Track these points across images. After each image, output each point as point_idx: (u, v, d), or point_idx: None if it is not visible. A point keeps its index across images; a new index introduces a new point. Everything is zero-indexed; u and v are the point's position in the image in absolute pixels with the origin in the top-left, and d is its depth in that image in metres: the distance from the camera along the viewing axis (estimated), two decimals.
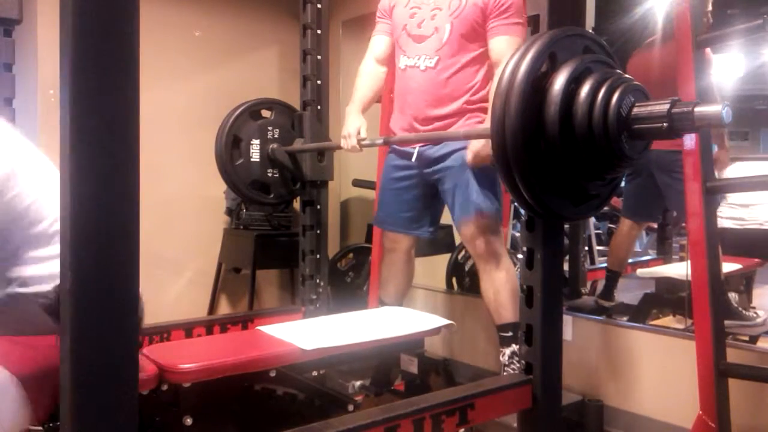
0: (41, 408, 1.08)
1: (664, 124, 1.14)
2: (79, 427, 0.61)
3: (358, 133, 2.15)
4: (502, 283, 2.09)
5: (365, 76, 2.31)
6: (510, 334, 2.06)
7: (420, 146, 2.16)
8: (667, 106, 1.14)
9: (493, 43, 2.04)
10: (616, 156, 1.20)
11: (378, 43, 2.31)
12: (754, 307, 3.03)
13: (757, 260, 3.22)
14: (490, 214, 2.07)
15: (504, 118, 1.18)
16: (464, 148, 2.07)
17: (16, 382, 1.02)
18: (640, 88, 1.21)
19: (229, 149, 2.52)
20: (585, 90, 1.17)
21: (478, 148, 2.00)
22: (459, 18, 2.06)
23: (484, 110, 2.08)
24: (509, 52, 1.95)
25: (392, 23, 2.26)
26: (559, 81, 1.18)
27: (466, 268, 3.01)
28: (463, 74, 2.09)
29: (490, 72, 2.11)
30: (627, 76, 1.23)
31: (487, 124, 1.82)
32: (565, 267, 3.42)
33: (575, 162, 1.20)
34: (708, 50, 2.33)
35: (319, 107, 2.56)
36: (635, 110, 1.18)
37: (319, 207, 2.56)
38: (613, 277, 3.20)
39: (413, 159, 2.18)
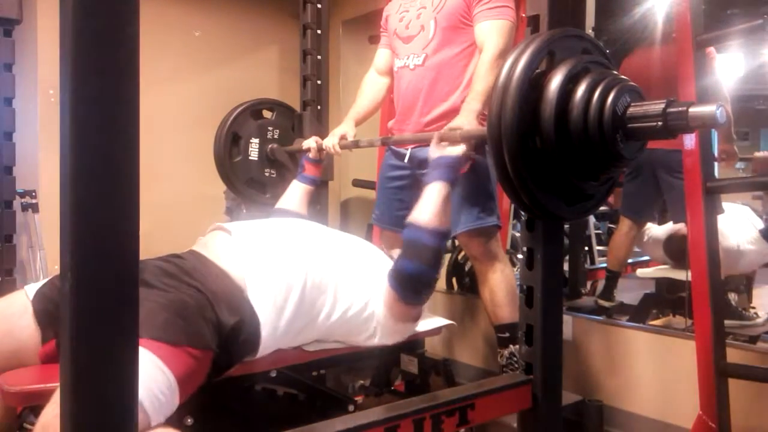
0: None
1: (659, 123, 1.14)
2: (79, 427, 0.61)
3: (344, 138, 2.22)
4: (498, 284, 2.08)
5: (365, 88, 2.37)
6: (507, 334, 2.05)
7: (412, 147, 2.16)
8: (662, 106, 1.14)
9: (478, 29, 2.03)
10: (611, 156, 1.20)
11: (379, 55, 2.36)
12: (754, 307, 3.03)
13: None
14: (484, 219, 2.05)
15: (500, 114, 1.18)
16: None
17: (176, 387, 1.16)
18: (636, 88, 1.21)
19: (228, 145, 2.52)
20: (581, 89, 1.17)
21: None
22: (442, 13, 2.07)
23: None
24: (493, 35, 1.97)
25: (388, 33, 2.28)
26: (557, 79, 1.17)
27: (466, 268, 3.01)
28: (452, 69, 2.08)
29: None
30: (623, 77, 1.23)
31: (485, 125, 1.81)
32: (565, 267, 3.42)
33: (570, 161, 1.20)
34: (712, 49, 2.32)
35: (319, 107, 2.56)
36: (630, 110, 1.18)
37: (319, 207, 2.56)
38: (612, 277, 3.20)
39: (406, 160, 2.18)
